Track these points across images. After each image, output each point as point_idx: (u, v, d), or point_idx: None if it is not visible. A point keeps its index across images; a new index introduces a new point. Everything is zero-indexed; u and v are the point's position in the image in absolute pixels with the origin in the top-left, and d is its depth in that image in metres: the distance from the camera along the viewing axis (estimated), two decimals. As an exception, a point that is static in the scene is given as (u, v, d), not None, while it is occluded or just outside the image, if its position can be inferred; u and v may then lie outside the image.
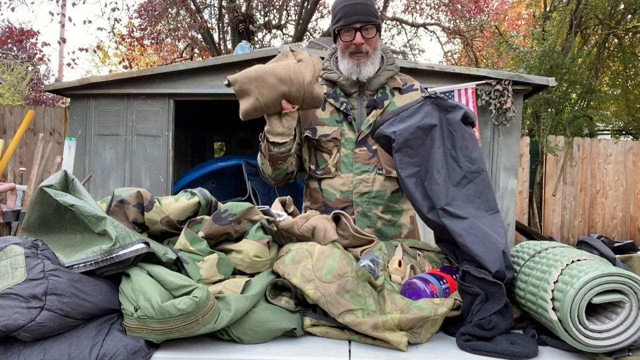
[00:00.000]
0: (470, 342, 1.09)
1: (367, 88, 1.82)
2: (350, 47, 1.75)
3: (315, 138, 1.82)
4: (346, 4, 1.73)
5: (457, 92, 4.88)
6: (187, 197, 1.32)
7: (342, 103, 1.81)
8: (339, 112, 1.82)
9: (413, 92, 1.87)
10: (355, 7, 1.71)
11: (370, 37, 1.75)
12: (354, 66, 1.76)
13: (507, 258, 1.22)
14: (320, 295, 1.11)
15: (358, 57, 1.76)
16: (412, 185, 1.35)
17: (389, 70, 1.84)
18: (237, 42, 8.68)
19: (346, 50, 1.77)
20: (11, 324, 0.92)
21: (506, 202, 5.05)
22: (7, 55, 12.70)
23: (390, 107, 1.80)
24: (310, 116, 1.84)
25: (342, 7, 1.73)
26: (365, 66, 1.76)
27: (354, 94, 1.83)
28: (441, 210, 1.29)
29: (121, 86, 5.24)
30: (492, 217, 1.31)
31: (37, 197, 1.14)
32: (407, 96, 1.85)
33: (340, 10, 1.74)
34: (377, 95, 1.82)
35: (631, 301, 1.03)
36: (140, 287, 1.02)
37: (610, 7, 8.04)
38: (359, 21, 1.72)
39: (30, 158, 6.79)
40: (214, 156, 8.86)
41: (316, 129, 1.82)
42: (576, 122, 8.18)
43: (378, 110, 1.80)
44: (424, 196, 1.34)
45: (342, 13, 1.73)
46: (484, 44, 12.45)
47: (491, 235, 1.24)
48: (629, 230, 8.09)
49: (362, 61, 1.76)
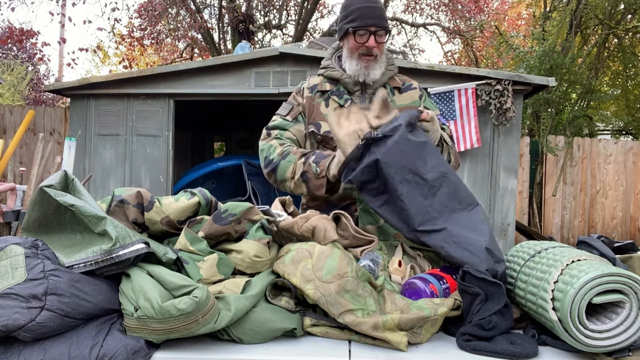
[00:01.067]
0: (470, 342, 1.09)
1: (370, 87, 1.84)
2: (361, 48, 1.76)
3: (320, 134, 1.81)
4: (363, 6, 1.74)
5: (457, 92, 4.88)
6: (187, 197, 1.32)
7: (347, 100, 1.83)
8: (342, 109, 1.83)
9: (412, 91, 1.89)
10: (372, 10, 1.73)
11: (382, 42, 1.77)
12: (362, 68, 1.78)
13: (493, 253, 1.23)
14: (320, 295, 1.11)
15: (367, 59, 1.78)
16: (387, 213, 1.38)
17: (389, 70, 1.87)
18: (237, 42, 8.68)
19: (356, 51, 1.78)
20: (11, 324, 0.92)
21: (506, 202, 5.05)
22: (7, 55, 12.70)
23: None
24: (314, 111, 1.84)
25: (358, 7, 1.74)
26: (373, 69, 1.79)
27: (356, 92, 1.85)
28: (416, 232, 1.32)
29: (121, 86, 5.24)
30: (471, 213, 1.33)
31: (37, 197, 1.14)
32: (406, 95, 1.87)
33: (357, 10, 1.74)
34: None
35: (631, 301, 1.03)
36: (140, 287, 1.02)
37: (610, 7, 8.03)
38: (374, 25, 1.73)
39: (30, 158, 6.79)
40: (214, 156, 8.85)
41: (320, 125, 1.81)
42: (576, 122, 8.18)
43: None
44: (400, 220, 1.36)
45: (358, 14, 1.74)
46: (484, 44, 12.44)
47: (471, 236, 1.26)
48: (629, 230, 8.08)
49: (370, 64, 1.78)
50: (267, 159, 1.77)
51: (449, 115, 4.91)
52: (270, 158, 1.76)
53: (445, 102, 4.91)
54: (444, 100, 4.91)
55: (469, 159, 5.05)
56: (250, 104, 5.96)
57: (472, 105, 4.86)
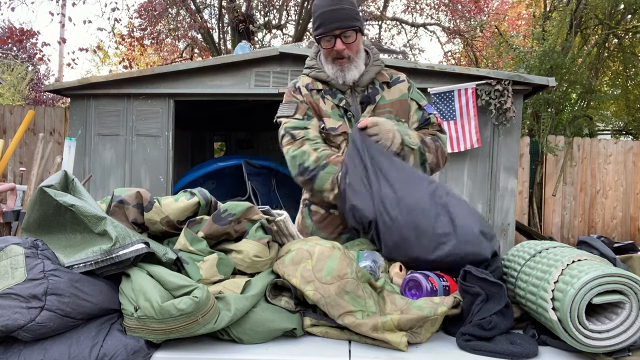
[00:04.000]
0: (470, 342, 1.09)
1: (358, 85, 1.83)
2: (331, 53, 1.76)
3: (325, 130, 1.80)
4: (325, 11, 1.72)
5: (457, 92, 4.88)
6: (187, 197, 1.32)
7: (341, 99, 1.82)
8: (339, 108, 1.82)
9: (400, 84, 1.89)
10: (333, 13, 1.71)
11: (351, 42, 1.75)
12: (338, 71, 1.78)
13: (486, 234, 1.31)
14: (320, 296, 1.11)
15: (340, 62, 1.77)
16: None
17: (375, 65, 1.86)
18: (237, 42, 8.67)
19: (328, 55, 1.78)
20: (11, 324, 0.92)
21: (506, 202, 5.04)
22: (7, 55, 12.70)
23: (381, 102, 1.83)
24: (316, 108, 1.82)
25: (320, 13, 1.73)
26: (349, 70, 1.78)
27: (347, 91, 1.84)
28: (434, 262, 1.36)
29: (121, 86, 5.23)
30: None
31: (37, 197, 1.14)
32: (395, 89, 1.87)
33: (319, 17, 1.73)
34: (368, 90, 1.84)
35: (631, 302, 1.03)
36: (140, 287, 1.02)
37: (610, 7, 8.03)
38: (338, 28, 1.71)
39: (30, 158, 6.78)
40: (214, 156, 8.85)
41: (324, 120, 1.81)
42: (576, 122, 8.18)
43: (371, 105, 1.82)
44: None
45: (321, 20, 1.73)
46: (484, 44, 12.43)
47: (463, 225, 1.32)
48: (629, 230, 8.08)
49: (344, 66, 1.77)
50: (301, 166, 1.69)
51: (449, 115, 4.91)
52: (305, 166, 1.68)
53: (445, 102, 4.91)
54: (444, 100, 4.91)
55: (469, 159, 5.05)
56: (250, 104, 5.96)
57: (472, 105, 4.85)
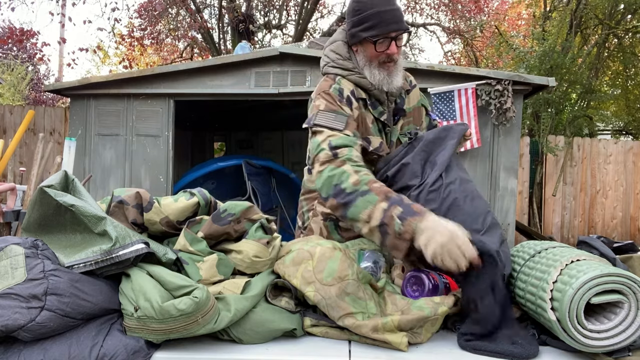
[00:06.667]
0: (471, 341, 1.09)
1: (392, 95, 1.68)
2: (381, 56, 1.59)
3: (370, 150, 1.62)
4: (381, 10, 1.55)
5: (457, 92, 4.88)
6: (187, 197, 1.32)
7: (381, 113, 1.66)
8: (378, 122, 1.67)
9: (415, 89, 1.80)
10: (392, 14, 1.56)
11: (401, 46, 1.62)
12: (385, 77, 1.61)
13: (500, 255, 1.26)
14: (321, 298, 1.12)
15: (388, 66, 1.61)
16: None
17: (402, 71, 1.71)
18: (237, 42, 8.67)
19: (375, 59, 1.60)
20: (11, 324, 0.92)
21: (506, 202, 5.04)
22: (7, 55, 12.70)
23: (407, 111, 1.74)
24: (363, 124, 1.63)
25: (375, 12, 1.55)
26: (396, 76, 1.63)
27: (385, 101, 1.68)
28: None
29: (121, 86, 5.23)
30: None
31: (37, 197, 1.14)
32: (413, 95, 1.77)
33: (374, 16, 1.55)
34: (397, 100, 1.71)
35: (630, 301, 1.03)
36: (140, 287, 1.02)
37: (610, 7, 8.02)
38: (395, 30, 1.56)
39: (30, 158, 6.78)
40: (214, 156, 8.84)
41: (369, 140, 1.63)
42: (576, 122, 8.17)
43: (404, 118, 1.71)
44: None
45: (376, 20, 1.55)
46: (484, 44, 12.43)
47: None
48: (629, 230, 8.08)
49: (392, 71, 1.61)
50: (337, 187, 1.41)
51: (449, 115, 4.91)
52: (341, 187, 1.39)
53: (445, 102, 4.91)
54: (444, 100, 4.91)
55: (469, 159, 5.05)
56: (250, 104, 5.95)
57: (472, 105, 4.85)
